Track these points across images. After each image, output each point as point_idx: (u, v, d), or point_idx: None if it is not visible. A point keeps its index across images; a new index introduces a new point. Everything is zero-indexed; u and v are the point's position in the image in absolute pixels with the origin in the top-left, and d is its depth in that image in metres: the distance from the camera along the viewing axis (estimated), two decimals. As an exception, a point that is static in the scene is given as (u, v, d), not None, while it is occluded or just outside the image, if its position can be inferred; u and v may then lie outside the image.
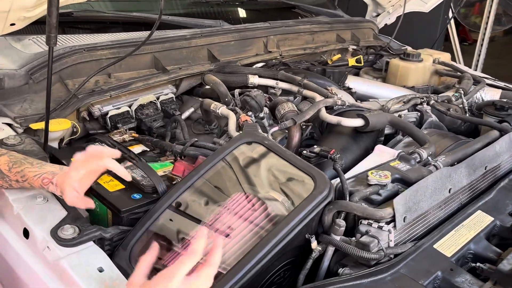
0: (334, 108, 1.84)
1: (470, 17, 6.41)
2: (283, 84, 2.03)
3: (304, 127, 1.83)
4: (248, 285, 1.07)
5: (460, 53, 5.10)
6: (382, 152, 1.54)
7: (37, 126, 1.54)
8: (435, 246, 1.24)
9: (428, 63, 2.47)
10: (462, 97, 2.15)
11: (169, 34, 2.06)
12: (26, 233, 1.18)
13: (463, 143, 1.72)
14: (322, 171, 1.26)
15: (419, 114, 1.97)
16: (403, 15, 2.89)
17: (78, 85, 1.68)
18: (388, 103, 1.94)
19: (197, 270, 0.91)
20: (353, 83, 2.32)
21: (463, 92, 2.17)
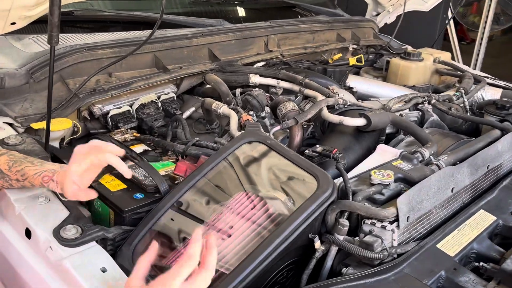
0: (335, 107, 1.83)
1: (468, 16, 6.42)
2: (284, 84, 2.02)
3: (306, 127, 1.83)
4: (252, 285, 1.07)
5: (459, 53, 5.10)
6: (384, 151, 1.54)
7: (38, 125, 1.54)
8: (438, 245, 1.24)
9: (428, 62, 2.47)
10: (463, 96, 2.14)
11: (170, 33, 2.05)
12: (28, 233, 1.17)
13: (465, 142, 1.72)
14: (325, 170, 1.26)
15: (420, 113, 1.96)
16: (403, 14, 2.88)
17: (79, 85, 1.67)
18: (390, 102, 1.93)
19: (193, 275, 0.89)
20: (354, 83, 2.31)
21: (464, 91, 2.17)
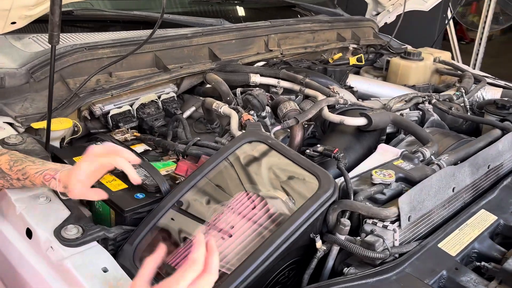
0: (336, 107, 1.83)
1: (467, 16, 6.43)
2: (284, 83, 2.02)
3: (306, 126, 1.82)
4: (253, 285, 1.06)
5: (459, 52, 5.10)
6: (385, 151, 1.53)
7: (39, 125, 1.53)
8: (440, 245, 1.23)
9: (429, 62, 2.47)
10: (464, 95, 2.14)
11: (170, 32, 2.05)
12: (29, 233, 1.16)
13: (466, 142, 1.71)
14: (326, 170, 1.25)
15: (420, 113, 1.96)
16: (403, 13, 2.88)
17: (80, 84, 1.67)
18: (390, 102, 1.93)
19: (197, 278, 0.89)
20: (354, 82, 2.31)
21: (464, 91, 2.17)
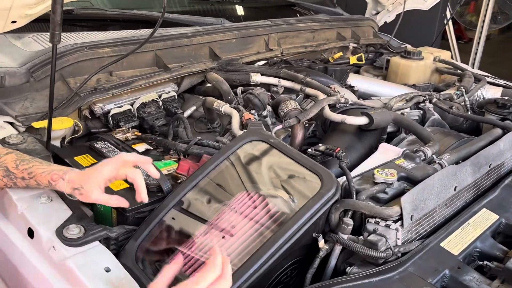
0: (337, 106, 1.83)
1: (465, 15, 6.43)
2: (285, 82, 2.01)
3: (307, 126, 1.82)
4: (256, 284, 1.06)
5: (458, 52, 5.11)
6: (387, 150, 1.53)
7: (39, 124, 1.53)
8: (442, 244, 1.24)
9: (429, 61, 2.47)
10: (464, 95, 2.14)
11: (171, 32, 2.04)
12: (30, 233, 1.16)
13: (467, 141, 1.72)
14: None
15: (421, 112, 1.96)
16: (403, 13, 2.88)
17: (80, 84, 1.66)
18: (391, 101, 1.93)
19: (214, 282, 0.91)
20: (355, 81, 2.31)
21: (464, 90, 2.17)
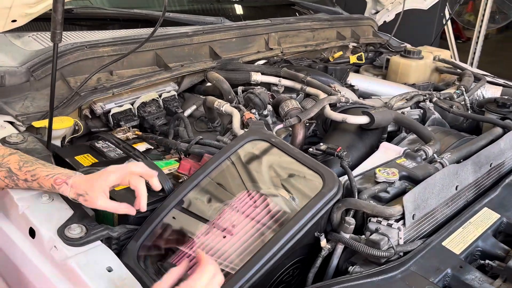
0: (337, 105, 1.83)
1: (464, 14, 6.44)
2: (286, 82, 2.01)
3: (308, 125, 1.82)
4: (258, 284, 1.06)
5: (456, 51, 5.11)
6: (388, 149, 1.53)
7: (40, 124, 1.52)
8: (444, 243, 1.24)
9: (428, 60, 2.47)
10: (464, 94, 2.15)
11: (171, 31, 2.04)
12: (32, 233, 1.15)
13: (467, 140, 1.72)
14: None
15: (422, 111, 1.97)
16: (402, 12, 2.88)
17: (80, 83, 1.66)
18: (391, 100, 1.93)
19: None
20: (355, 81, 2.31)
21: (464, 89, 2.17)
